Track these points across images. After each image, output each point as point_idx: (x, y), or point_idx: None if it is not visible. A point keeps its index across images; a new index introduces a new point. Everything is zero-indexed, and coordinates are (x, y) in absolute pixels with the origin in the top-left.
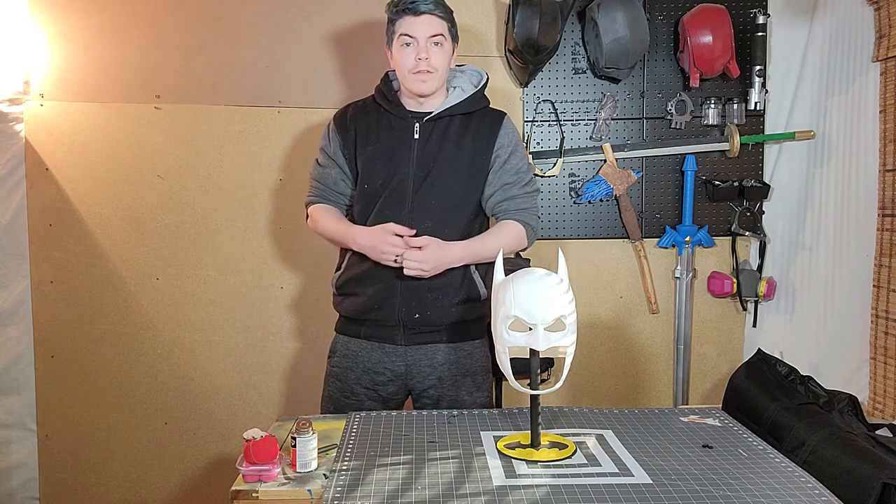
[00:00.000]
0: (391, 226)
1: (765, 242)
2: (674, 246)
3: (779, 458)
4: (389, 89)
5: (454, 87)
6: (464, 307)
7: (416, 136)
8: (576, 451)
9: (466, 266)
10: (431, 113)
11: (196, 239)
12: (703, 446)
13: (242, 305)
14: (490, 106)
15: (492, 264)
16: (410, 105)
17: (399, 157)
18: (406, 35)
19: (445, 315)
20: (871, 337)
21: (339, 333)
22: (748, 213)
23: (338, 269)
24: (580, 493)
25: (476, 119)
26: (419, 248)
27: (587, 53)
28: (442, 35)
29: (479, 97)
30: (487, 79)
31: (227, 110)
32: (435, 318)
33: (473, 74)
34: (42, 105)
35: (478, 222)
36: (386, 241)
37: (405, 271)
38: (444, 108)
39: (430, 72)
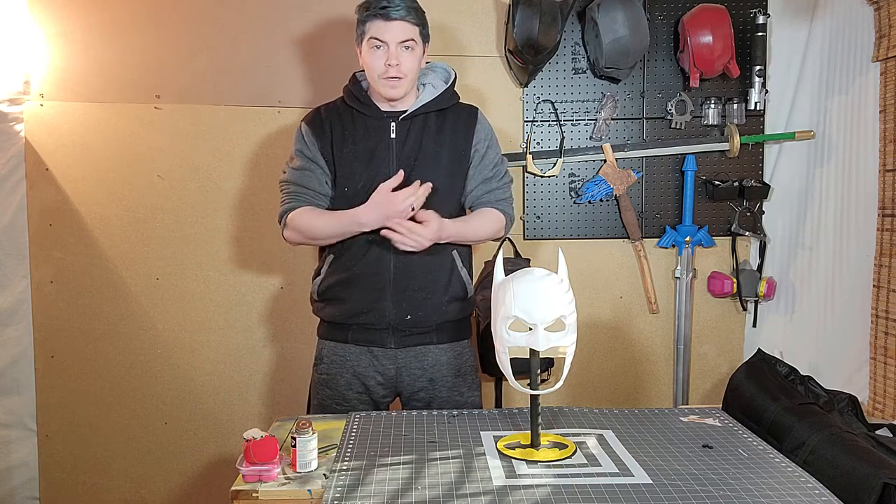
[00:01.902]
0: (384, 185)
1: (765, 242)
2: (674, 246)
3: (779, 458)
4: (359, 90)
5: (424, 85)
6: (452, 306)
7: (394, 136)
8: (576, 451)
9: (453, 263)
10: (406, 111)
11: (196, 239)
12: (703, 446)
13: (242, 305)
14: (461, 101)
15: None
16: (383, 105)
17: (379, 157)
18: (376, 39)
19: (436, 315)
20: (871, 337)
21: (323, 339)
22: (748, 213)
23: (316, 275)
24: (580, 493)
25: (451, 115)
26: (419, 222)
27: (587, 53)
28: (413, 40)
29: (451, 93)
30: (456, 75)
31: (227, 110)
32: (426, 319)
33: (442, 71)
34: (42, 105)
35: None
36: (395, 199)
37: (400, 246)
38: (419, 105)
39: (399, 77)
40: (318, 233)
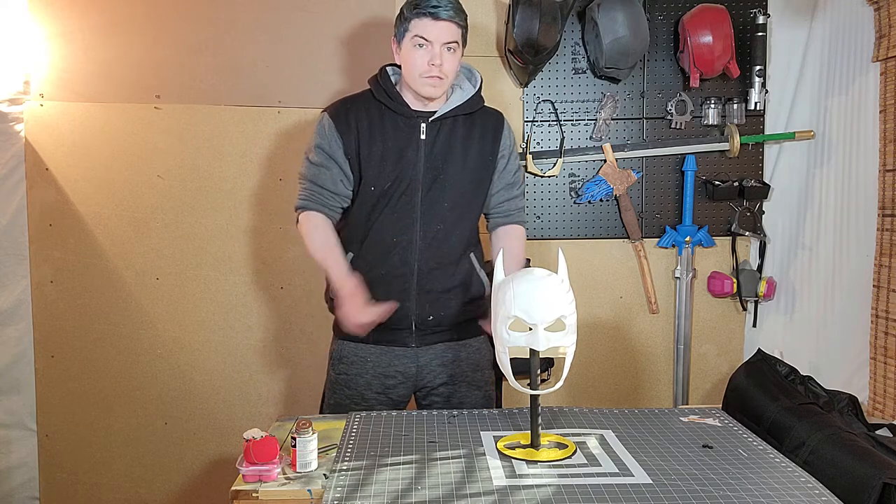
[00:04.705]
0: (352, 294)
1: (765, 242)
2: (674, 246)
3: (779, 458)
4: (390, 85)
5: (453, 87)
6: (472, 305)
7: (423, 137)
8: (576, 451)
9: (471, 265)
10: (436, 113)
11: (196, 239)
12: (703, 446)
13: (242, 305)
14: (486, 105)
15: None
16: (414, 104)
17: (408, 157)
18: (421, 37)
19: (457, 314)
20: (871, 337)
21: (342, 339)
22: (748, 213)
23: None
24: (580, 493)
25: (479, 119)
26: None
27: (587, 53)
28: (456, 42)
29: (479, 97)
30: (482, 78)
31: (227, 110)
32: (447, 318)
33: (469, 73)
34: (42, 105)
35: (478, 223)
36: (359, 316)
37: None
38: (450, 108)
39: (441, 77)
40: (310, 251)
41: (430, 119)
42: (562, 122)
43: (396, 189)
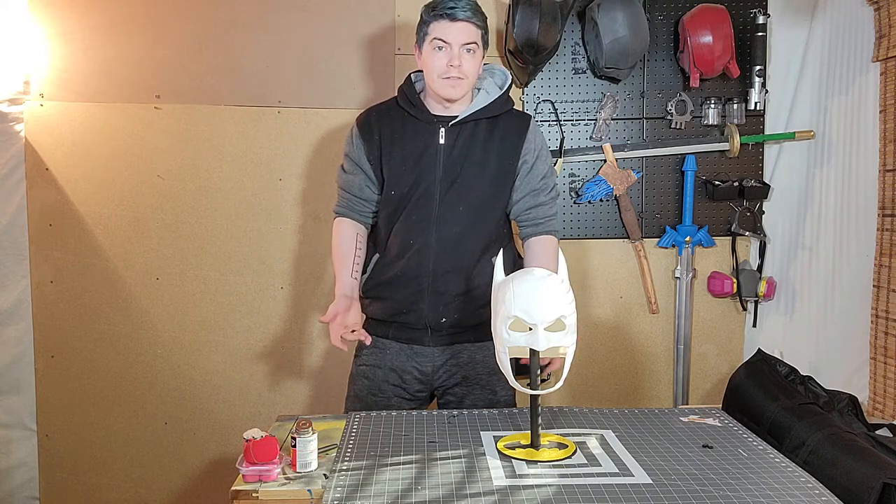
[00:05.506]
0: (353, 316)
1: (765, 242)
2: (674, 246)
3: (779, 458)
4: (413, 92)
5: (478, 90)
6: (488, 308)
7: (442, 142)
8: (576, 451)
9: (491, 268)
10: (457, 117)
11: (196, 239)
12: (703, 446)
13: (242, 305)
14: (514, 108)
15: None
16: (435, 109)
17: (426, 162)
18: (439, 39)
19: (472, 317)
20: (871, 337)
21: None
22: (748, 213)
23: (363, 272)
24: (580, 493)
25: (502, 122)
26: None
27: (587, 53)
28: (476, 43)
29: (505, 100)
30: (512, 80)
31: (227, 110)
32: (462, 321)
33: (498, 75)
34: (42, 105)
35: (504, 227)
36: (336, 326)
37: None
38: (470, 112)
39: (460, 78)
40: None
41: (451, 123)
42: (562, 122)
43: (415, 192)
